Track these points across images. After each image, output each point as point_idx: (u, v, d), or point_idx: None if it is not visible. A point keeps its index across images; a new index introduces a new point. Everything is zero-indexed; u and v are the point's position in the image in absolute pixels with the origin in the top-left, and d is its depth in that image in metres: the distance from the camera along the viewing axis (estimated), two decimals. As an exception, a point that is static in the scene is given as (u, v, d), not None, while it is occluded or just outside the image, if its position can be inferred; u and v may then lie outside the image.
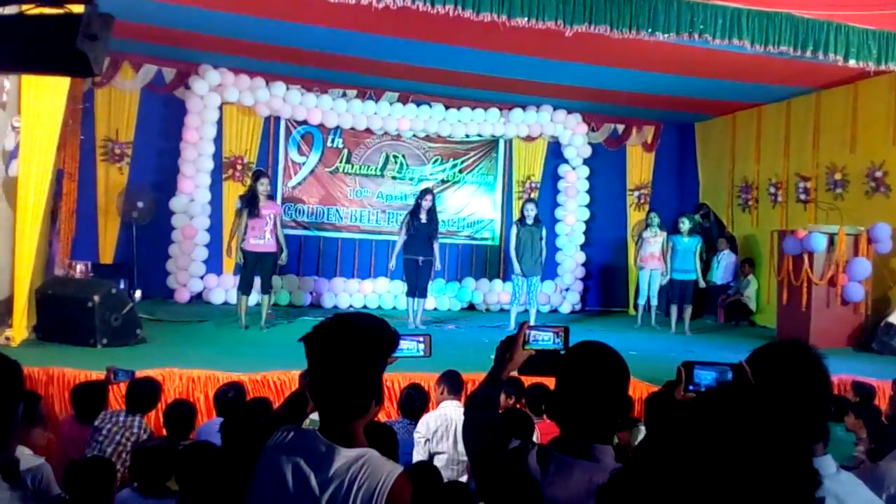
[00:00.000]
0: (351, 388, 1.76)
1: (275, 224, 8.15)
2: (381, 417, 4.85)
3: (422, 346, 2.21)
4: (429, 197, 8.91)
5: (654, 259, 9.74)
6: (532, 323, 2.33)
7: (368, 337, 1.77)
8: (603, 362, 1.89)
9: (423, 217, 8.79)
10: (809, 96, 9.87)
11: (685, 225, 9.55)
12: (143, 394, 4.31)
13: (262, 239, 8.07)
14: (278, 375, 5.27)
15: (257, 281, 8.34)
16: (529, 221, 8.99)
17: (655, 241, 9.76)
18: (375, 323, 1.81)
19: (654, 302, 9.87)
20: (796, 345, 1.84)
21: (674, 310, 9.49)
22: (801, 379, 1.74)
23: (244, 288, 8.16)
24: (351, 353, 1.74)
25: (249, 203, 8.02)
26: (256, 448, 1.85)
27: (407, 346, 2.15)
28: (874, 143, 8.99)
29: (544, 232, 9.14)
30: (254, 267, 8.12)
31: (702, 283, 9.74)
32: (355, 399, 1.78)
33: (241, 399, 4.43)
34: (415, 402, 4.65)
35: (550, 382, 2.08)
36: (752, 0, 6.68)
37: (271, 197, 8.24)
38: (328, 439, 1.77)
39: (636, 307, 10.25)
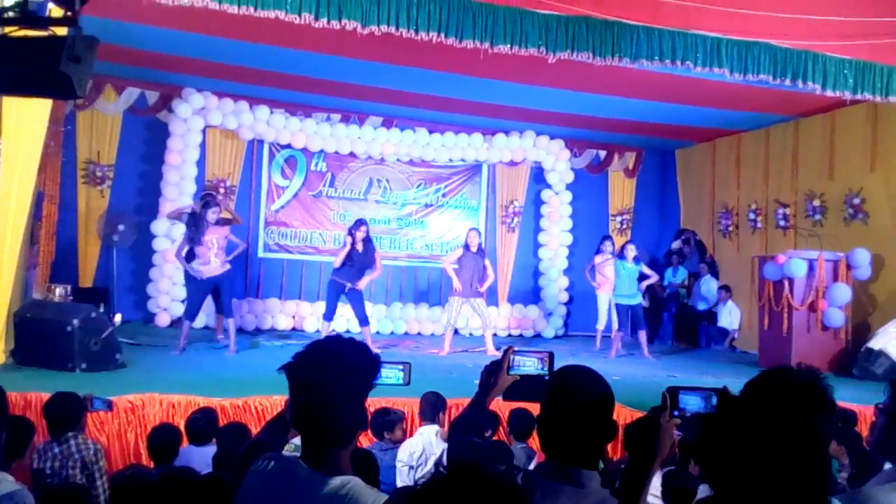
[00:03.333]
0: (336, 418, 1.74)
1: (220, 247, 7.97)
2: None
3: (402, 374, 2.19)
4: (363, 228, 8.78)
5: (608, 283, 9.83)
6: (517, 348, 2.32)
7: (351, 364, 1.74)
8: (587, 387, 1.89)
9: (360, 247, 8.68)
10: (788, 124, 10.03)
11: (630, 252, 9.55)
12: (59, 410, 4.07)
13: (208, 264, 7.90)
14: (260, 400, 5.21)
15: (211, 305, 8.32)
16: (473, 248, 9.06)
17: (608, 265, 9.83)
18: (357, 349, 1.78)
19: (616, 326, 9.88)
20: (798, 371, 1.84)
21: (641, 335, 9.44)
22: (805, 405, 1.73)
23: (189, 313, 8.06)
24: (334, 381, 1.72)
25: (196, 231, 7.85)
26: (238, 476, 1.82)
27: (387, 374, 2.13)
28: (852, 171, 9.13)
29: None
30: (201, 293, 8.01)
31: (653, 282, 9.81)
32: (340, 428, 1.75)
33: (212, 425, 4.36)
34: (386, 417, 4.62)
35: (535, 408, 2.07)
36: (732, 29, 6.78)
37: (218, 222, 8.05)
38: (311, 467, 1.74)
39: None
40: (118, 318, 9.01)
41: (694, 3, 6.59)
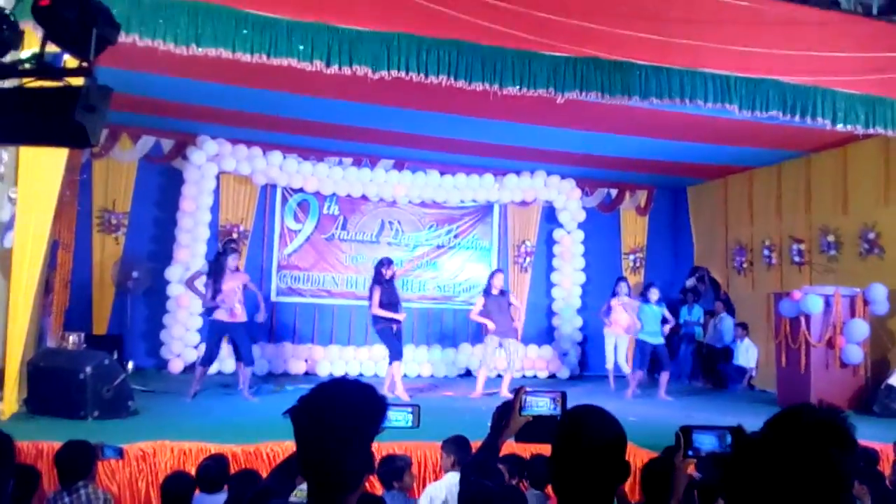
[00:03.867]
0: (342, 462, 1.70)
1: (242, 294, 8.06)
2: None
3: (411, 416, 2.16)
4: (393, 266, 8.80)
5: (618, 325, 9.87)
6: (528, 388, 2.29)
7: (357, 407, 1.71)
8: (598, 427, 1.86)
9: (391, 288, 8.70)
10: (800, 160, 10.01)
11: (654, 294, 9.50)
12: (70, 459, 4.00)
13: (228, 312, 7.92)
14: (271, 447, 5.16)
15: (229, 351, 8.36)
16: (496, 291, 9.07)
17: (622, 307, 9.85)
18: (363, 391, 1.75)
19: (627, 369, 9.81)
20: (819, 409, 1.79)
21: (663, 376, 9.36)
22: (828, 445, 1.68)
23: (206, 359, 8.04)
24: (339, 425, 1.68)
25: (216, 278, 7.92)
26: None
27: (395, 416, 2.10)
28: (865, 205, 9.07)
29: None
30: (219, 338, 8.06)
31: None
32: (347, 473, 1.72)
33: (223, 472, 4.31)
34: (392, 465, 4.52)
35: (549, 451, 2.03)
36: (740, 67, 6.82)
37: (237, 269, 8.18)
38: (319, 514, 1.70)
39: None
40: (130, 364, 9.02)
41: (701, 41, 6.66)
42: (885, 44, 7.26)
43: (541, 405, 2.27)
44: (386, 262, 8.75)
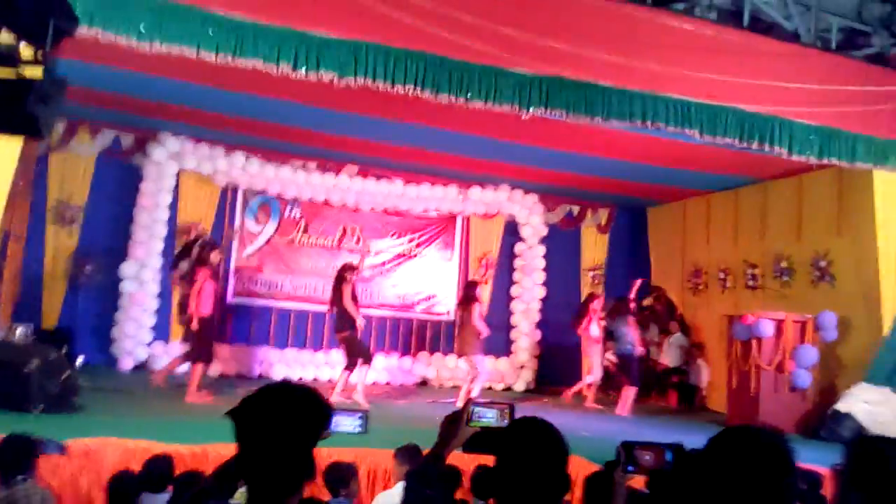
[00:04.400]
0: (282, 465, 1.70)
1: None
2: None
3: (359, 422, 2.16)
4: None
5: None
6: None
7: (299, 411, 1.71)
8: (540, 439, 1.87)
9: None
10: (757, 186, 10.23)
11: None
12: (10, 452, 3.90)
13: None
14: (219, 448, 5.10)
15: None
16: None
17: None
18: (306, 396, 1.75)
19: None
20: (761, 431, 1.83)
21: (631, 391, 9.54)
22: (767, 466, 1.72)
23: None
24: (281, 428, 1.68)
25: (215, 273, 8.25)
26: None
27: (344, 421, 2.10)
28: (818, 234, 9.29)
29: None
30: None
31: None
32: (286, 476, 1.71)
33: (168, 473, 4.25)
34: (337, 473, 4.48)
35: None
36: (701, 93, 6.95)
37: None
38: (255, 517, 1.69)
39: None
40: (80, 360, 8.83)
41: (664, 66, 6.77)
42: (842, 77, 7.46)
43: (489, 416, 2.28)
44: (349, 267, 8.89)
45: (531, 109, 6.47)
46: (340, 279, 8.79)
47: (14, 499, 3.73)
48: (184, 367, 8.49)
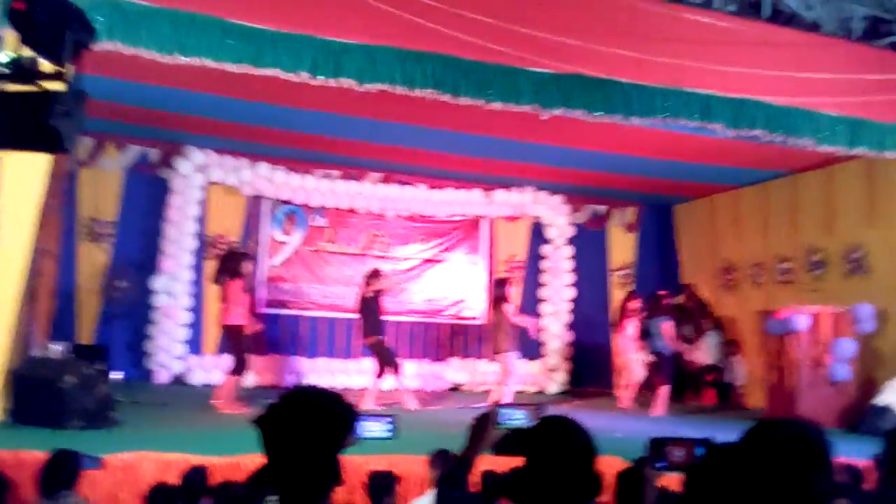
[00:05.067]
0: (308, 471, 1.69)
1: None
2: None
3: (389, 426, 2.15)
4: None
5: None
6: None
7: (323, 416, 1.70)
8: (568, 438, 1.84)
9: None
10: (786, 179, 10.08)
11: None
12: (55, 467, 4.03)
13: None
14: (253, 458, 5.12)
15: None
16: None
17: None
18: (330, 401, 1.74)
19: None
20: (796, 423, 1.78)
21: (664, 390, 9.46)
22: (802, 457, 1.67)
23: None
24: (305, 434, 1.67)
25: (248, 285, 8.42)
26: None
27: (373, 426, 2.09)
28: (851, 226, 9.13)
29: None
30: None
31: None
32: (312, 482, 1.70)
33: (203, 484, 4.27)
34: (380, 481, 4.48)
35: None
36: (723, 86, 6.87)
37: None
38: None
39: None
40: (116, 375, 8.94)
41: (684, 61, 6.70)
42: (866, 67, 7.34)
43: (517, 418, 2.26)
44: (375, 274, 8.94)
45: (551, 109, 6.44)
46: (366, 285, 8.83)
47: None
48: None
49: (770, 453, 1.71)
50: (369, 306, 8.77)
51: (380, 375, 8.71)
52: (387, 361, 8.70)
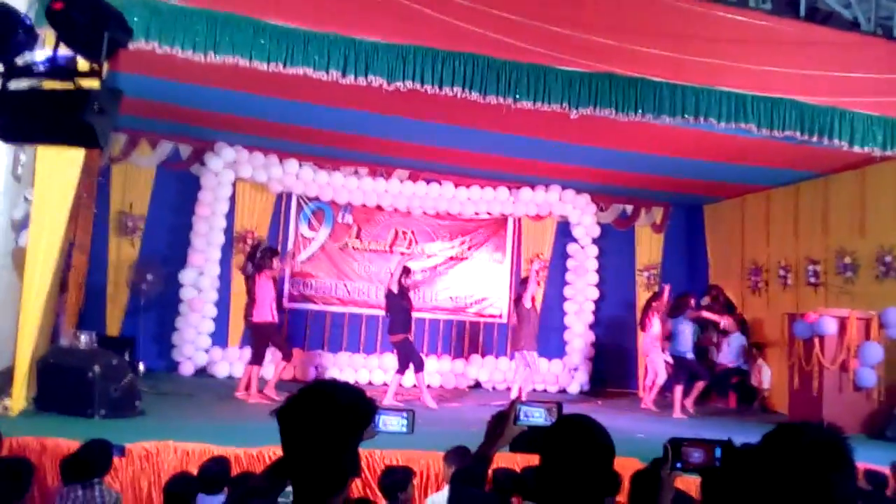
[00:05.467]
0: (326, 463, 1.71)
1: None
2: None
3: (405, 422, 2.16)
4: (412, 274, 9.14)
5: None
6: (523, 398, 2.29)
7: (343, 409, 1.73)
8: (586, 437, 1.85)
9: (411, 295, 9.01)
10: (817, 180, 9.93)
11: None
12: (90, 455, 4.15)
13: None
14: (274, 450, 5.18)
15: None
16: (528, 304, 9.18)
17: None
18: (350, 393, 1.77)
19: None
20: (817, 427, 1.77)
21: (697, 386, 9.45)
22: (822, 463, 1.65)
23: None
24: (325, 425, 1.70)
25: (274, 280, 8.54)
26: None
27: (390, 421, 2.10)
28: (883, 228, 8.97)
29: None
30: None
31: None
32: (330, 474, 1.72)
33: (224, 474, 4.33)
34: (395, 477, 4.51)
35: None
36: (757, 86, 6.80)
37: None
38: (301, 516, 1.71)
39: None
40: (142, 366, 9.09)
41: (718, 60, 6.64)
42: (903, 66, 7.21)
43: (536, 416, 2.26)
44: (406, 271, 9.01)
45: (580, 109, 6.41)
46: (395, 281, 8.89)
47: (91, 497, 3.88)
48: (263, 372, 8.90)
49: (789, 458, 1.70)
50: (397, 303, 8.81)
51: (401, 372, 8.75)
52: (411, 359, 8.72)
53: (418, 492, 4.82)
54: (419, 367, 8.74)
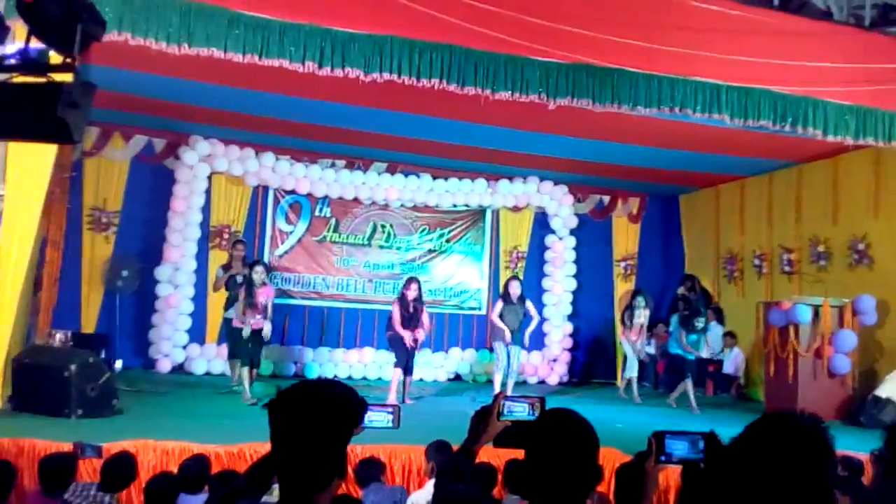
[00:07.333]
0: (313, 460, 1.70)
1: (267, 308, 8.20)
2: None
3: (391, 416, 2.15)
4: (413, 286, 8.82)
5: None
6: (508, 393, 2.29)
7: (334, 406, 1.71)
8: (570, 430, 1.85)
9: (411, 308, 8.71)
10: (791, 170, 10.04)
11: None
12: (118, 473, 4.15)
13: (254, 319, 8.08)
14: (255, 448, 5.14)
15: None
16: (514, 300, 9.04)
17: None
18: (342, 391, 1.75)
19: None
20: (799, 417, 1.78)
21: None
22: (804, 452, 1.67)
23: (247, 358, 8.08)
24: (315, 422, 1.68)
25: (248, 293, 8.05)
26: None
27: (375, 416, 2.10)
28: (856, 216, 9.10)
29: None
30: (247, 341, 8.10)
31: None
32: (317, 471, 1.71)
33: (204, 473, 4.29)
34: (371, 469, 4.51)
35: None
36: (731, 75, 6.83)
37: (265, 283, 8.28)
38: (287, 514, 1.69)
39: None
40: (118, 363, 8.99)
41: (692, 50, 6.67)
42: (876, 55, 7.28)
43: (519, 410, 2.26)
44: (406, 284, 8.80)
45: (558, 99, 6.42)
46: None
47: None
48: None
49: (772, 447, 1.71)
50: (399, 306, 8.69)
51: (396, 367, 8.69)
52: (396, 355, 8.63)
53: (403, 485, 4.81)
54: (397, 364, 8.65)
